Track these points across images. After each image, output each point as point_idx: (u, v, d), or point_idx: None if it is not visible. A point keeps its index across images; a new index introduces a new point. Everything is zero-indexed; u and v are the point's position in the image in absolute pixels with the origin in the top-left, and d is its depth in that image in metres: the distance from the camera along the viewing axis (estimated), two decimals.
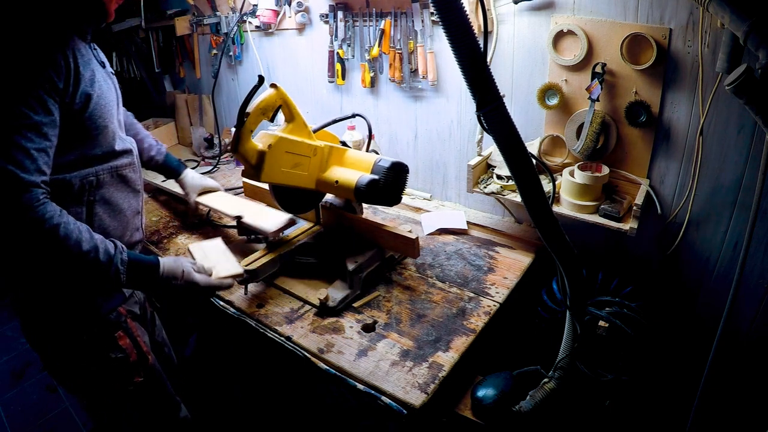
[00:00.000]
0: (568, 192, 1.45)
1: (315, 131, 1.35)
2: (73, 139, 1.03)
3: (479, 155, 1.65)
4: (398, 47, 1.79)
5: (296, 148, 1.27)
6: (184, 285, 1.14)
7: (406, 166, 1.39)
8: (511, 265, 1.53)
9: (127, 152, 1.19)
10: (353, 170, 1.35)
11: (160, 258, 1.12)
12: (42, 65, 0.94)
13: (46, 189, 0.95)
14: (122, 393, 1.23)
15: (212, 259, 1.32)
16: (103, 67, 1.14)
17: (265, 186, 1.52)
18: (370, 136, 1.53)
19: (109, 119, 1.11)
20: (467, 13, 0.90)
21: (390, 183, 1.34)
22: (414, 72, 1.80)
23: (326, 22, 1.93)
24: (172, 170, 1.70)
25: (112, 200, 1.15)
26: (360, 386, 1.11)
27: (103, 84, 1.09)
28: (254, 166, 1.20)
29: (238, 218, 1.57)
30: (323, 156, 1.35)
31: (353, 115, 1.48)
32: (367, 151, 1.47)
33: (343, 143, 1.46)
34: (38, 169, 0.93)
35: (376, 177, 1.31)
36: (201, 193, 1.73)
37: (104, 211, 1.13)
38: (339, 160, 1.40)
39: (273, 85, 1.22)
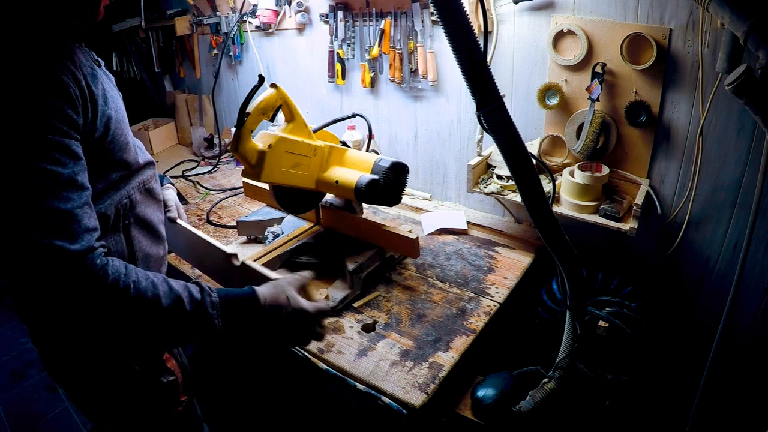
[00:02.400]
0: (568, 192, 1.45)
1: (315, 131, 1.35)
2: (98, 167, 0.88)
3: (479, 155, 1.65)
4: (398, 47, 1.79)
5: (296, 148, 1.27)
6: (292, 314, 0.92)
7: (406, 166, 1.39)
8: (511, 265, 1.53)
9: (150, 164, 1.09)
10: (353, 170, 1.35)
11: (254, 287, 0.93)
12: (51, 101, 0.75)
13: (100, 245, 0.80)
14: (169, 417, 1.14)
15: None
16: (99, 65, 0.96)
17: (265, 186, 1.52)
18: (370, 136, 1.53)
19: (128, 131, 0.98)
20: (467, 13, 0.90)
21: (390, 183, 1.34)
22: (414, 72, 1.80)
23: (326, 22, 1.93)
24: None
25: (145, 218, 1.04)
26: (360, 386, 1.11)
27: (113, 92, 0.94)
28: (254, 166, 1.20)
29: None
30: (323, 156, 1.35)
31: (353, 115, 1.48)
32: (367, 151, 1.47)
33: (343, 143, 1.46)
34: (87, 228, 0.78)
35: (376, 177, 1.31)
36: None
37: (140, 232, 1.02)
38: (339, 160, 1.40)
39: (273, 85, 1.22)
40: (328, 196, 1.53)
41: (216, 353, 1.83)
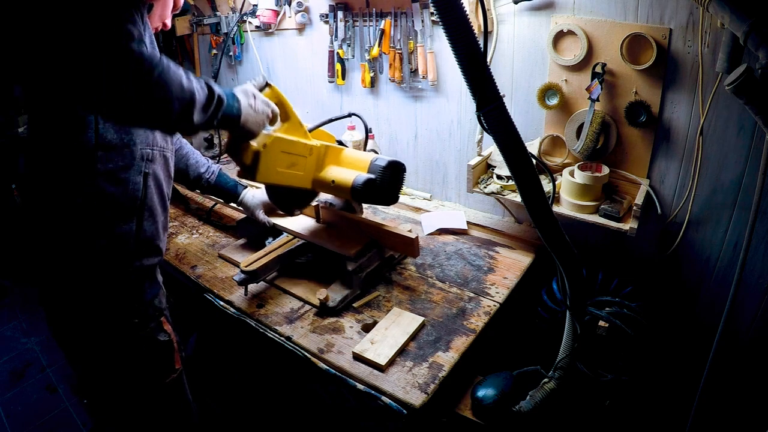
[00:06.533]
0: (568, 192, 1.45)
1: (311, 130, 1.35)
2: None
3: (479, 155, 1.65)
4: (398, 47, 1.79)
5: (292, 148, 1.26)
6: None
7: (403, 164, 1.38)
8: (511, 265, 1.53)
9: (170, 140, 1.20)
10: (350, 170, 1.35)
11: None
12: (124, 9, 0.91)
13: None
14: (163, 383, 1.22)
15: None
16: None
17: (261, 186, 1.52)
18: (367, 136, 1.52)
19: None
20: (467, 13, 0.90)
21: (387, 182, 1.33)
22: (414, 72, 1.80)
23: (326, 22, 1.93)
24: (227, 192, 1.58)
25: (159, 178, 1.15)
26: (360, 386, 1.11)
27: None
28: (249, 167, 1.19)
29: None
30: (319, 155, 1.35)
31: (349, 115, 1.47)
32: (365, 150, 1.47)
33: (340, 142, 1.46)
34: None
35: (372, 176, 1.31)
36: (268, 212, 1.58)
37: (153, 186, 1.12)
38: (335, 159, 1.39)
39: (267, 85, 1.21)
40: (328, 196, 1.53)
41: (215, 353, 1.83)
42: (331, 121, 1.43)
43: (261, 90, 1.17)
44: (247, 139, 1.12)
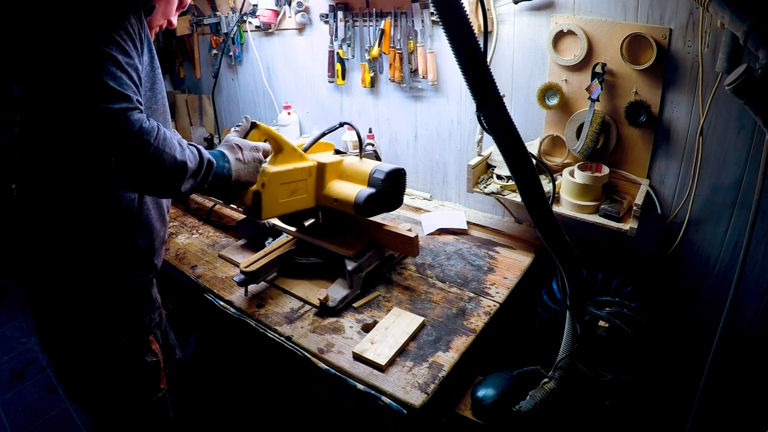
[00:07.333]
0: (568, 192, 1.45)
1: (305, 149, 1.34)
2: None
3: (479, 155, 1.65)
4: (398, 47, 1.79)
5: (290, 177, 1.26)
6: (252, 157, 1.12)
7: (402, 170, 1.37)
8: (511, 265, 1.53)
9: None
10: (351, 184, 1.34)
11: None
12: (119, 14, 0.86)
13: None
14: (147, 402, 1.20)
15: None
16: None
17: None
18: (361, 145, 1.49)
19: (165, 109, 1.11)
20: (467, 13, 0.90)
21: (388, 192, 1.32)
22: (414, 72, 1.80)
23: (326, 22, 1.93)
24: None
25: None
26: (360, 386, 1.11)
27: (160, 73, 1.07)
28: (252, 208, 1.19)
29: None
30: (319, 173, 1.34)
31: (340, 125, 1.45)
32: (360, 156, 1.45)
33: (338, 151, 1.45)
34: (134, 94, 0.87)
35: (373, 190, 1.30)
36: None
37: (151, 201, 1.10)
38: (336, 173, 1.38)
39: (253, 125, 1.20)
40: None
41: (215, 353, 1.83)
42: (324, 134, 1.40)
43: (247, 133, 1.17)
44: (246, 188, 1.14)
